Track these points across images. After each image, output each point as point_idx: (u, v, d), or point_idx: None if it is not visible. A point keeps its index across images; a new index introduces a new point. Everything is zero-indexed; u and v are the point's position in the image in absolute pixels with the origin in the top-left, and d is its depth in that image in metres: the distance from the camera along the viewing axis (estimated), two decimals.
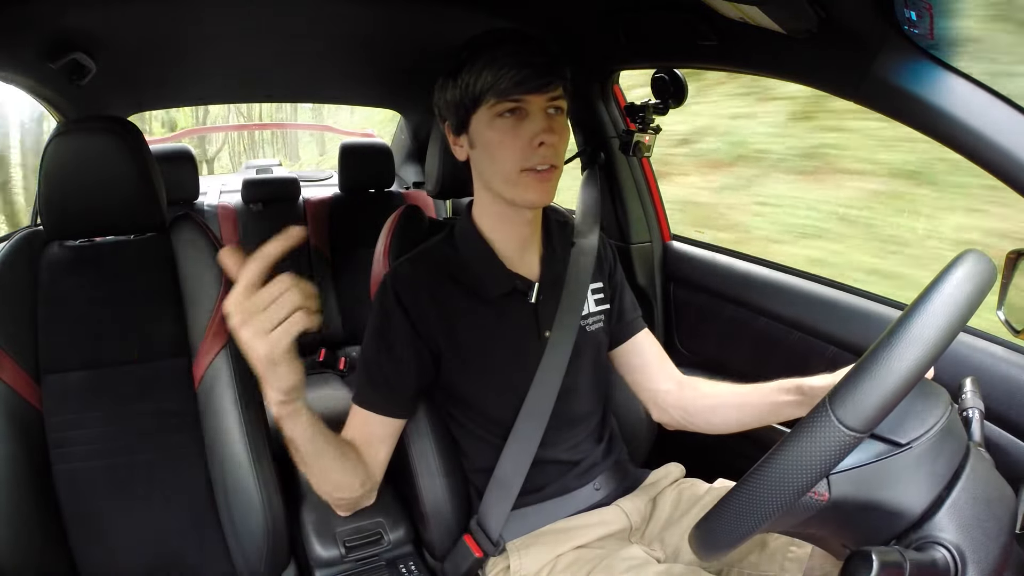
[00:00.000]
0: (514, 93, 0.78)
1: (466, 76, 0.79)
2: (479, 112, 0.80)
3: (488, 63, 0.78)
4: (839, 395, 0.47)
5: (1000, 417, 0.80)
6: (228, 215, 2.22)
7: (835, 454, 0.46)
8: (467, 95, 0.80)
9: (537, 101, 0.79)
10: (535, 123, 0.79)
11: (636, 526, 0.93)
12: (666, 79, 1.18)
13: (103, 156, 0.96)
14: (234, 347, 1.02)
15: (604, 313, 0.97)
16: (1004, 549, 0.51)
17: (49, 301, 1.00)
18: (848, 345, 1.04)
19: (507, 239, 0.89)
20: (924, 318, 0.46)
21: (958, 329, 0.47)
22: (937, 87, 0.69)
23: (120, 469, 0.99)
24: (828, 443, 0.46)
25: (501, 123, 0.79)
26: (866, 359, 0.47)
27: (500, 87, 0.77)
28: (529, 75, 0.77)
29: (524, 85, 0.77)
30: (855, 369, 0.47)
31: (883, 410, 0.46)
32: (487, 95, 0.78)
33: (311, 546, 1.05)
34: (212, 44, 1.44)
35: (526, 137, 0.79)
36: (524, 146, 0.79)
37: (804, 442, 0.47)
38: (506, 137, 0.79)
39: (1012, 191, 0.66)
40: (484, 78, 0.78)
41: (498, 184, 0.83)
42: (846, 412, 0.46)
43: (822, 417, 0.46)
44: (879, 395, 0.45)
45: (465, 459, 0.93)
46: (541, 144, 0.79)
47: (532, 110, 0.79)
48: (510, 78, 0.77)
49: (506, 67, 0.77)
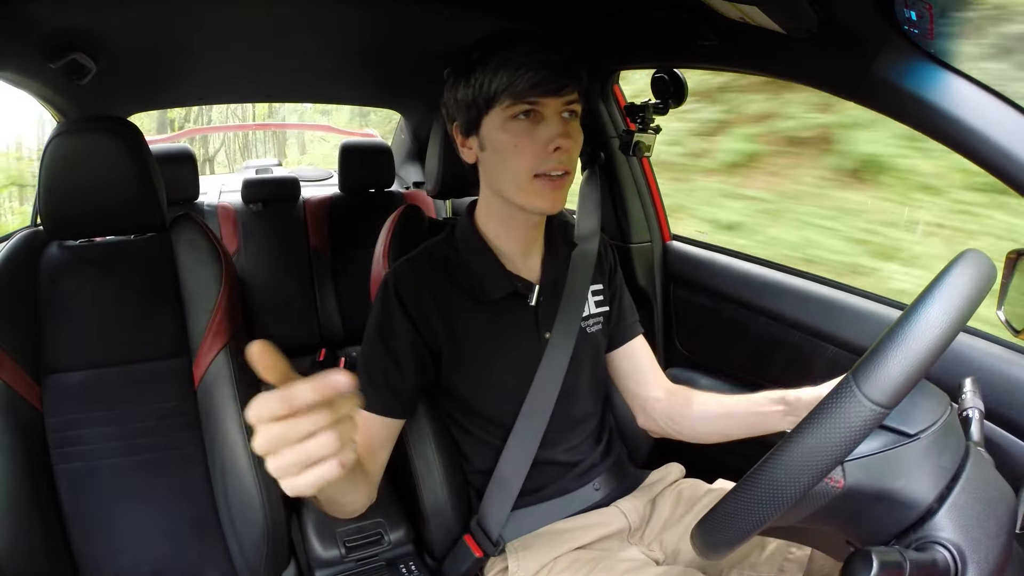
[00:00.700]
0: (530, 95, 0.75)
1: (479, 76, 0.77)
2: (492, 113, 0.78)
3: (503, 63, 0.75)
4: (863, 371, 0.47)
5: (1000, 417, 0.80)
6: (228, 215, 2.22)
7: (861, 429, 0.46)
8: (480, 95, 0.78)
9: (553, 104, 0.77)
10: (551, 127, 0.77)
11: (635, 527, 0.93)
12: (666, 79, 1.18)
13: (103, 156, 0.97)
14: (234, 347, 1.03)
15: (603, 315, 0.97)
16: (1004, 549, 0.51)
17: (49, 301, 1.00)
18: (848, 345, 1.04)
19: (510, 242, 0.88)
20: (938, 303, 0.47)
21: (966, 317, 0.48)
22: (937, 87, 0.69)
23: (120, 469, 0.99)
24: (854, 418, 0.46)
25: (515, 126, 0.77)
26: (886, 337, 0.47)
27: (516, 88, 0.75)
28: (546, 77, 0.75)
29: (541, 87, 0.75)
30: (877, 347, 0.47)
31: (907, 384, 0.46)
32: (502, 96, 0.76)
33: (311, 546, 1.05)
34: (212, 44, 1.44)
35: (541, 141, 0.77)
36: (539, 150, 0.77)
37: (830, 418, 0.47)
38: (520, 140, 0.77)
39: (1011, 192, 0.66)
40: (499, 78, 0.75)
41: (509, 189, 0.81)
42: (871, 387, 0.46)
43: (848, 393, 0.46)
44: (902, 370, 0.45)
45: (465, 460, 0.93)
46: (556, 149, 0.77)
47: (548, 113, 0.77)
48: (527, 79, 0.74)
49: (523, 68, 0.74)
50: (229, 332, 1.03)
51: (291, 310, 2.13)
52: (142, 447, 1.01)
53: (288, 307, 2.12)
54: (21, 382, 0.94)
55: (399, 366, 0.83)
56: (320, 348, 2.14)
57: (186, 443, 1.02)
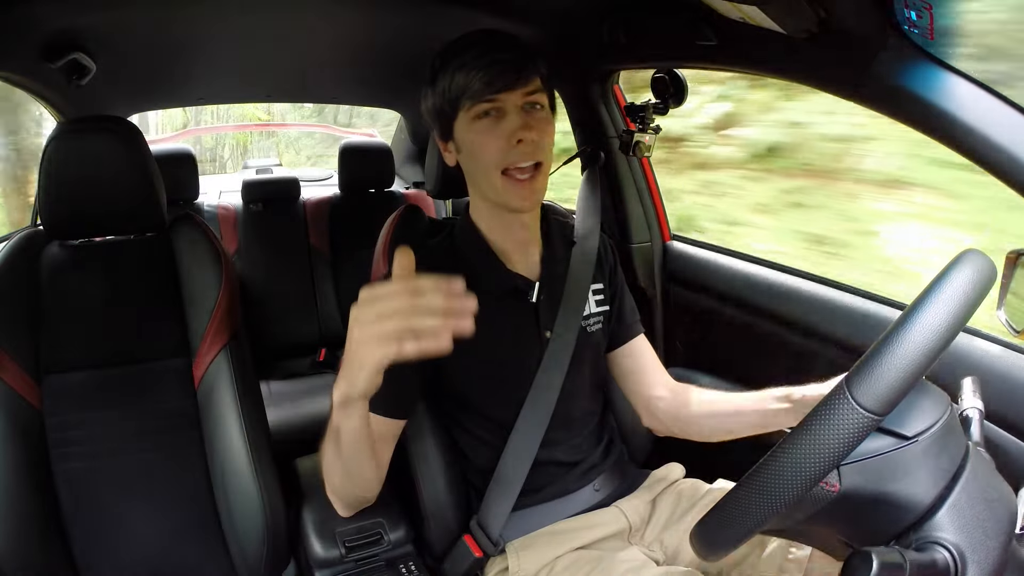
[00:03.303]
0: (487, 93, 0.78)
1: (442, 83, 0.80)
2: (459, 117, 0.81)
3: (459, 67, 0.78)
4: (856, 378, 0.47)
5: (1000, 417, 0.80)
6: (228, 215, 2.21)
7: (854, 437, 0.46)
8: (445, 102, 0.81)
9: (512, 98, 0.79)
10: (511, 121, 0.79)
11: (635, 527, 0.93)
12: (666, 79, 1.18)
13: (103, 156, 0.97)
14: (234, 347, 1.03)
15: (604, 314, 0.97)
16: (1004, 549, 0.51)
17: (49, 301, 1.00)
18: (848, 345, 1.04)
19: (505, 238, 0.89)
20: (934, 306, 0.47)
21: (965, 317, 0.48)
22: (937, 87, 0.69)
23: (120, 469, 0.99)
24: (847, 425, 0.46)
25: (480, 125, 0.80)
26: (881, 344, 0.47)
27: (473, 89, 0.78)
28: (499, 73, 0.77)
29: (495, 84, 0.77)
30: (871, 353, 0.48)
31: (900, 391, 0.46)
32: (463, 99, 0.79)
33: (311, 546, 1.04)
34: (212, 44, 1.45)
35: (503, 136, 0.79)
36: (502, 145, 0.79)
37: (822, 425, 0.47)
38: (485, 138, 0.80)
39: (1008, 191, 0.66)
40: (457, 82, 0.79)
41: (484, 187, 0.84)
42: (864, 394, 0.46)
43: (840, 400, 0.47)
44: (896, 376, 0.46)
45: (465, 459, 0.93)
46: (519, 141, 0.79)
47: (508, 108, 0.79)
48: (480, 79, 0.77)
49: (475, 68, 0.77)
50: (229, 332, 1.03)
51: (291, 310, 2.13)
52: (142, 447, 1.01)
53: (288, 307, 2.12)
54: (21, 382, 0.94)
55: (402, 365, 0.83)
56: (320, 348, 2.14)
57: (186, 443, 1.02)
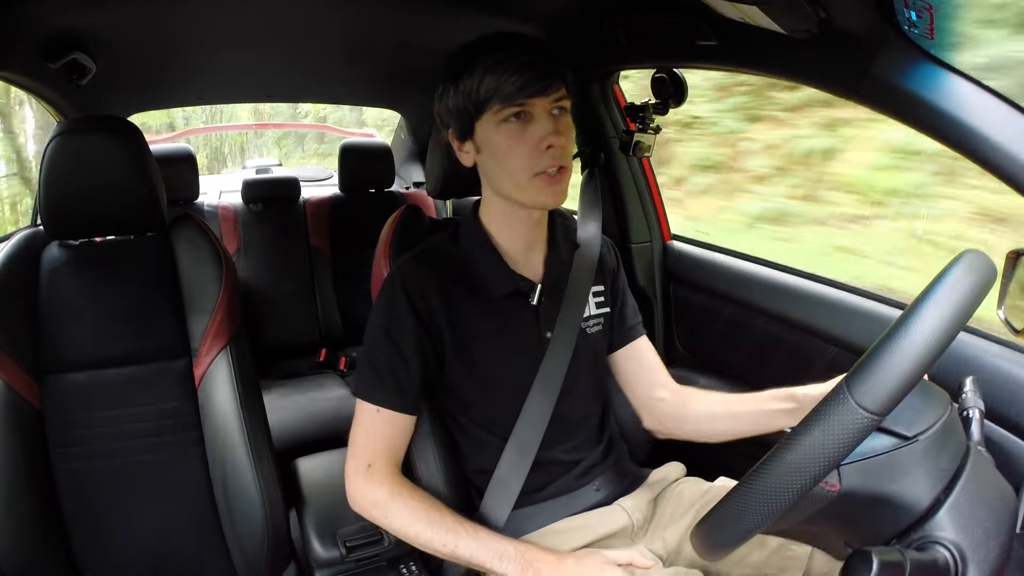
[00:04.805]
0: (518, 98, 0.77)
1: (467, 82, 0.79)
2: (483, 118, 0.80)
3: (489, 68, 0.77)
4: (856, 378, 0.47)
5: (1000, 417, 0.80)
6: (228, 215, 2.22)
7: (853, 437, 0.46)
8: (470, 102, 0.79)
9: (541, 104, 0.78)
10: (541, 126, 0.78)
11: (637, 526, 0.93)
12: (666, 79, 1.18)
13: (103, 156, 0.96)
14: (234, 347, 1.03)
15: (604, 316, 0.97)
16: (1004, 549, 0.51)
17: (49, 301, 1.00)
18: (848, 345, 1.04)
19: (513, 240, 0.89)
20: (935, 306, 0.47)
21: (965, 318, 0.48)
22: (937, 87, 0.69)
23: (120, 469, 0.99)
24: (847, 426, 0.46)
25: (507, 128, 0.79)
26: (881, 344, 0.47)
27: (504, 92, 0.77)
28: (531, 78, 0.77)
29: (527, 89, 0.77)
30: (871, 353, 0.48)
31: (900, 392, 0.46)
32: (491, 101, 0.78)
33: (311, 546, 1.05)
34: (212, 44, 1.44)
35: (533, 141, 0.78)
36: (532, 151, 0.79)
37: (822, 425, 0.47)
38: (513, 142, 0.79)
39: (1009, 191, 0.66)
40: (486, 83, 0.77)
41: (509, 189, 0.83)
42: (864, 395, 0.46)
43: (840, 400, 0.47)
44: (896, 377, 0.46)
45: (465, 460, 0.93)
46: (549, 147, 0.79)
47: (537, 113, 0.79)
48: (513, 83, 0.76)
49: (508, 71, 0.76)
50: (229, 332, 1.03)
51: (291, 310, 2.13)
52: (142, 447, 1.01)
53: (288, 307, 2.12)
54: (21, 382, 0.94)
55: (406, 361, 0.83)
56: (320, 348, 2.14)
57: (186, 443, 1.02)
